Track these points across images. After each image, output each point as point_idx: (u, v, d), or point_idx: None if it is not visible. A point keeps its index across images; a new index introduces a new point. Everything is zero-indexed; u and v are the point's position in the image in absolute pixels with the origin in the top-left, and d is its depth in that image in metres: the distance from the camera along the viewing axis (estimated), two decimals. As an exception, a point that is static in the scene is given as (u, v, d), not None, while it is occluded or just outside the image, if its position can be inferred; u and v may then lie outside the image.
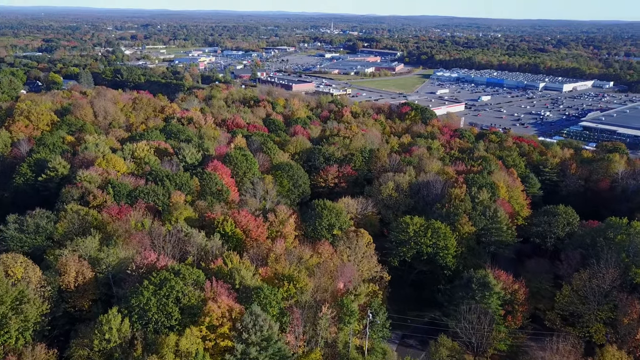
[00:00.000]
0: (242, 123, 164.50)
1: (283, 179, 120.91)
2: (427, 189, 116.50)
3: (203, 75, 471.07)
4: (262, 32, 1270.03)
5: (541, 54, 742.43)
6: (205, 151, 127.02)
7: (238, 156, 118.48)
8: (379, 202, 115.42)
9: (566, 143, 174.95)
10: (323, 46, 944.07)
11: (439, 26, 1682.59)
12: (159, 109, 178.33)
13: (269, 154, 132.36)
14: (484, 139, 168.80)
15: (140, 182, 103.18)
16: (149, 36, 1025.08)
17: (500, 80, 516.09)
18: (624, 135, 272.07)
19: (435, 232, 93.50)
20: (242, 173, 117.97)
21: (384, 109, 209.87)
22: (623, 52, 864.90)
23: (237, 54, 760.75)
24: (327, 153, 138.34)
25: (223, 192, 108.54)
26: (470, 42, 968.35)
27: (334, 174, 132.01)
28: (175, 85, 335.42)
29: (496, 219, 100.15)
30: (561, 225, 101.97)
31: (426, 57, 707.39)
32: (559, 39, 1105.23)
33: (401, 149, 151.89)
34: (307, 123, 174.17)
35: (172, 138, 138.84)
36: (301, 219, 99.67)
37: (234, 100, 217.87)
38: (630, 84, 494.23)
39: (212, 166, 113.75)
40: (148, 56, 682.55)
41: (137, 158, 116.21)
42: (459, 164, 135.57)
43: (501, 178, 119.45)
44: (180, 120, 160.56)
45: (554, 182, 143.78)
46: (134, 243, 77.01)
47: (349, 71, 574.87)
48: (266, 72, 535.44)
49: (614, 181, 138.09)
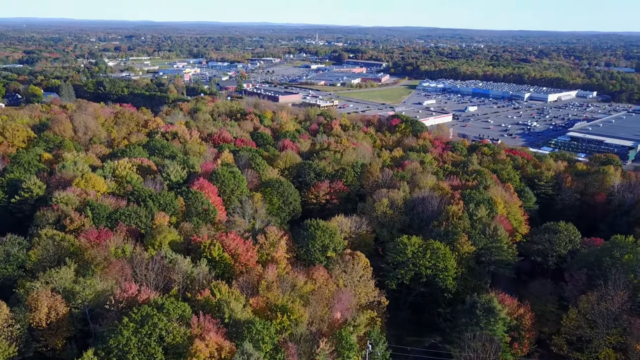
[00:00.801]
0: (229, 137, 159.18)
1: (273, 196, 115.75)
2: (423, 206, 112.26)
3: (188, 87, 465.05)
4: (247, 43, 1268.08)
5: (525, 65, 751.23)
6: (191, 168, 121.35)
7: (225, 173, 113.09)
8: (373, 220, 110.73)
9: (559, 155, 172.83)
10: (309, 57, 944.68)
11: (422, 37, 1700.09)
12: (142, 123, 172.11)
13: (258, 170, 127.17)
14: (476, 152, 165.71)
15: (121, 203, 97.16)
16: (133, 47, 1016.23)
17: (486, 90, 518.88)
18: (612, 145, 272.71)
19: (435, 252, 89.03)
20: (229, 191, 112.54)
21: (374, 122, 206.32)
22: (603, 62, 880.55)
23: (222, 65, 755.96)
24: (318, 168, 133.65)
25: (210, 212, 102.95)
26: (454, 53, 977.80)
27: (325, 190, 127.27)
28: (159, 98, 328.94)
29: (496, 238, 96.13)
30: (563, 243, 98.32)
31: (411, 67, 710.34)
32: (540, 49, 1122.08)
33: (393, 163, 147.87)
34: (296, 137, 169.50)
35: (156, 154, 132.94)
36: (293, 240, 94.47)
37: (220, 113, 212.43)
38: (613, 93, 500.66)
39: (198, 184, 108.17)
40: (132, 68, 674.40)
41: (118, 177, 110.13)
42: (454, 179, 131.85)
43: (498, 193, 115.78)
44: (164, 135, 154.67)
45: (549, 195, 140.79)
46: (113, 273, 71.02)
47: (335, 82, 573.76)
48: (252, 84, 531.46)
49: (610, 194, 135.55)
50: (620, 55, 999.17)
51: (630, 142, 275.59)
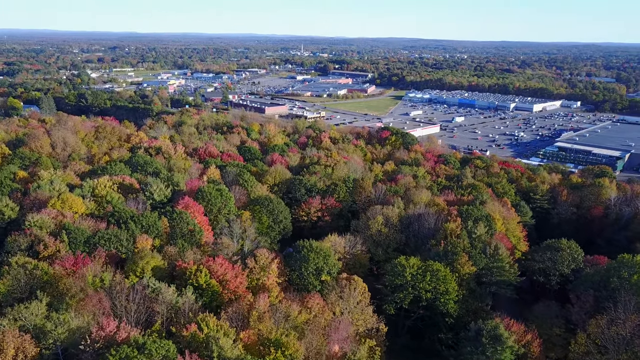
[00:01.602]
0: (215, 152, 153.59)
1: (262, 215, 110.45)
2: (419, 223, 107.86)
3: (173, 99, 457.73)
4: (233, 54, 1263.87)
5: (509, 75, 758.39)
6: (175, 186, 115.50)
7: (212, 191, 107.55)
8: (367, 239, 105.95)
9: (552, 167, 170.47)
10: (294, 68, 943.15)
11: (406, 47, 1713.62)
12: (124, 137, 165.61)
13: (246, 186, 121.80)
14: (469, 165, 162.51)
15: (100, 226, 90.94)
16: (117, 59, 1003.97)
17: (472, 101, 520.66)
18: (600, 155, 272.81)
19: (435, 275, 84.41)
20: (216, 210, 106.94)
21: (363, 134, 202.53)
22: (584, 73, 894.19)
23: (207, 76, 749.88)
24: (309, 184, 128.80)
25: (196, 233, 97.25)
26: (439, 64, 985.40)
27: (316, 207, 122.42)
28: (143, 110, 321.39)
29: (497, 257, 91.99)
30: (566, 262, 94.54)
31: (397, 78, 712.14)
32: (522, 59, 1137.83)
33: (385, 177, 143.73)
34: (285, 150, 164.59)
35: (139, 171, 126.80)
36: (284, 263, 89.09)
37: (205, 126, 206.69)
38: (597, 103, 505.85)
39: (183, 203, 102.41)
40: (115, 79, 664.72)
41: (98, 196, 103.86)
42: (448, 194, 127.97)
43: (496, 209, 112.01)
44: (147, 150, 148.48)
45: (545, 209, 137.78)
46: (90, 306, 64.96)
47: (322, 93, 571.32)
48: (238, 95, 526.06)
49: (607, 208, 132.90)
50: (600, 66, 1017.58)
51: (617, 152, 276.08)
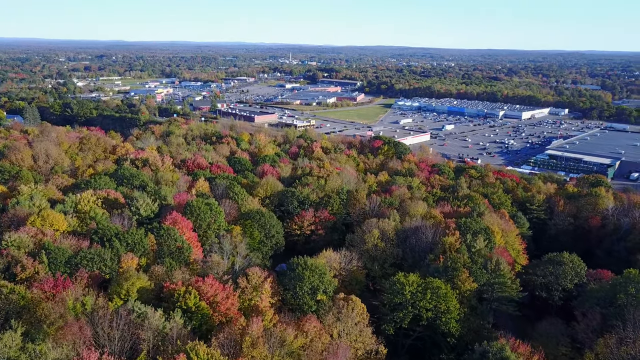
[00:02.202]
0: (204, 163, 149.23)
1: (253, 229, 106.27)
2: (416, 237, 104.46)
3: (160, 108, 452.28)
4: (221, 62, 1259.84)
5: (496, 82, 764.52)
6: (163, 200, 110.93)
7: (201, 206, 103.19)
8: (363, 254, 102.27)
9: (547, 176, 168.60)
10: (283, 76, 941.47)
11: (394, 56, 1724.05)
12: (109, 149, 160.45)
13: (236, 200, 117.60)
14: (463, 175, 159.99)
15: (83, 244, 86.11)
16: (104, 67, 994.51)
17: (461, 108, 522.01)
18: (590, 163, 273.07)
19: (435, 293, 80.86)
20: (205, 225, 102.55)
21: (355, 144, 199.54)
22: (570, 80, 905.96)
23: (195, 85, 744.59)
24: (302, 196, 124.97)
25: (184, 250, 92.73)
26: (427, 71, 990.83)
27: (309, 220, 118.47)
28: (130, 120, 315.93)
29: (499, 273, 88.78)
30: (569, 277, 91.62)
31: (386, 86, 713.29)
32: (509, 67, 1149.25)
33: (380, 188, 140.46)
34: (276, 161, 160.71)
35: (124, 184, 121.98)
36: (278, 282, 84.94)
37: (194, 136, 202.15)
38: (584, 110, 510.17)
39: (171, 219, 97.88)
40: (102, 88, 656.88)
41: (81, 212, 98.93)
42: (444, 205, 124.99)
43: (494, 221, 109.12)
44: (134, 162, 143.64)
45: (542, 220, 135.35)
46: (69, 335, 60.23)
47: (311, 101, 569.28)
48: (226, 104, 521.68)
49: (604, 218, 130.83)
50: (585, 73, 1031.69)
51: (608, 159, 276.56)
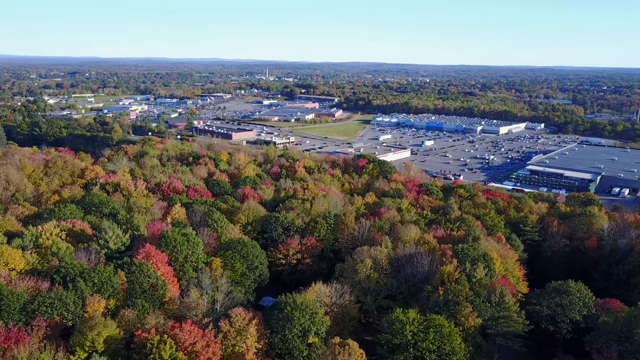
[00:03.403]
0: (180, 187, 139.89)
1: (235, 261, 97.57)
2: (411, 266, 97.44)
3: (134, 126, 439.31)
4: (197, 79, 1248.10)
5: (472, 98, 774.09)
6: (135, 230, 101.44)
7: (177, 237, 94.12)
8: (355, 285, 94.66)
9: (537, 195, 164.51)
10: (260, 93, 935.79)
11: (369, 72, 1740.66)
12: (78, 172, 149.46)
13: (216, 228, 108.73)
14: (452, 194, 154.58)
15: (43, 286, 76.12)
16: (77, 84, 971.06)
17: (439, 124, 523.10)
18: (572, 178, 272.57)
19: (438, 331, 73.55)
20: (182, 259, 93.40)
21: (339, 162, 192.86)
22: (542, 95, 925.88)
23: (171, 101, 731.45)
24: (286, 222, 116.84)
25: (158, 287, 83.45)
26: (403, 87, 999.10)
27: (295, 248, 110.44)
28: (102, 139, 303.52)
29: (504, 305, 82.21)
30: (577, 308, 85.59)
31: (364, 102, 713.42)
32: (483, 82, 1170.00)
33: (368, 210, 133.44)
34: (257, 183, 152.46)
35: (93, 213, 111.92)
36: (265, 324, 76.38)
37: (169, 157, 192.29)
38: (559, 125, 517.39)
39: (144, 252, 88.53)
40: (74, 105, 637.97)
41: (41, 247, 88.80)
42: (437, 228, 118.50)
43: (492, 246, 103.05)
44: (104, 187, 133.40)
45: (536, 242, 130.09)
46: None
47: (289, 118, 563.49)
48: (203, 121, 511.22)
49: (600, 239, 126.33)
50: (556, 88, 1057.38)
51: (589, 174, 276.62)
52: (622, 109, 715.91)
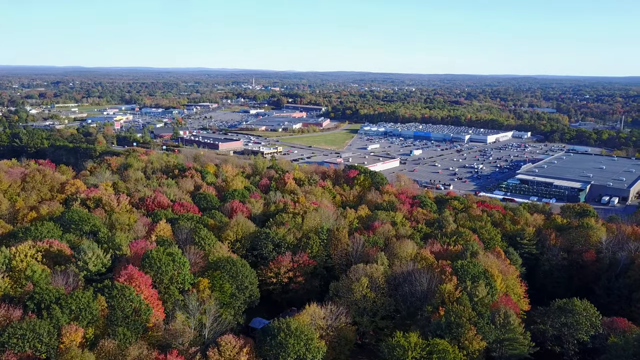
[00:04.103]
0: (166, 201, 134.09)
1: (223, 282, 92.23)
2: (409, 284, 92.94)
3: (119, 136, 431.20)
4: (183, 88, 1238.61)
5: (458, 107, 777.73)
6: (117, 250, 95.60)
7: (161, 257, 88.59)
8: (351, 305, 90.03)
9: (532, 206, 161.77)
10: (247, 102, 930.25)
11: (356, 81, 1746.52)
12: (57, 187, 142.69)
13: (203, 245, 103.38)
14: (446, 206, 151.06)
15: (14, 314, 70.05)
16: (60, 94, 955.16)
17: (427, 133, 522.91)
18: (562, 187, 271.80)
19: (442, 357, 69.23)
20: (167, 280, 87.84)
21: (330, 173, 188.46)
22: (527, 104, 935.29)
23: (156, 111, 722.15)
24: (277, 238, 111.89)
25: (141, 312, 77.88)
26: (389, 96, 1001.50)
27: (287, 266, 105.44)
28: (84, 150, 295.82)
29: (509, 327, 78.17)
30: (584, 328, 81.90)
31: (351, 111, 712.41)
32: (468, 92, 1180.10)
33: (361, 224, 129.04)
34: (246, 196, 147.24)
35: (72, 231, 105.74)
36: (257, 351, 71.23)
37: (154, 169, 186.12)
38: (546, 133, 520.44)
39: (126, 274, 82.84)
40: (57, 116, 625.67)
41: (15, 270, 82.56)
42: (433, 243, 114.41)
43: (491, 262, 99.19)
44: (85, 202, 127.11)
45: (534, 255, 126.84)
46: None
47: (277, 127, 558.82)
48: (189, 131, 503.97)
49: (599, 251, 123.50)
50: (540, 97, 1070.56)
51: (578, 183, 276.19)
52: (605, 117, 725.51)
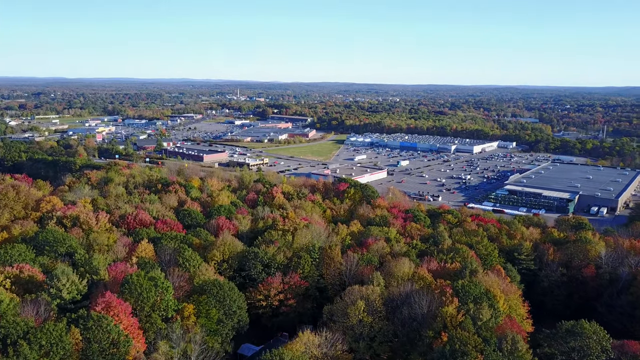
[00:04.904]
0: (148, 219, 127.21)
1: (210, 307, 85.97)
2: (408, 307, 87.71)
3: (101, 148, 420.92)
4: (167, 99, 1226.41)
5: (444, 117, 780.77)
6: (94, 274, 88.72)
7: (143, 281, 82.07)
8: (347, 330, 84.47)
9: (526, 219, 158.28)
10: (232, 113, 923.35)
11: (340, 92, 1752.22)
12: (32, 204, 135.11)
13: (188, 267, 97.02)
14: (440, 220, 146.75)
15: (-24, 352, 63.10)
16: (41, 105, 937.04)
17: (413, 144, 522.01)
18: (550, 198, 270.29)
19: (449, 390, 63.90)
20: (149, 307, 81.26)
21: (319, 186, 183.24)
22: (510, 113, 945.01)
23: (140, 122, 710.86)
24: (266, 258, 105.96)
25: (120, 345, 71.31)
26: (374, 107, 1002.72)
27: (277, 288, 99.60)
28: (64, 164, 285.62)
29: (517, 354, 73.24)
30: (595, 352, 77.33)
31: (337, 122, 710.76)
32: (451, 102, 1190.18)
33: (354, 241, 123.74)
34: (233, 211, 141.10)
35: (46, 253, 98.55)
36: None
37: (136, 184, 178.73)
38: (530, 143, 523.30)
39: (103, 302, 76.21)
40: (37, 127, 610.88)
41: (-21, 300, 75.31)
42: (430, 261, 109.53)
43: (492, 281, 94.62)
44: (61, 220, 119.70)
45: (532, 271, 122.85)
46: None
47: (262, 138, 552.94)
48: (173, 142, 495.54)
49: (598, 267, 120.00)
50: (522, 107, 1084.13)
51: (567, 194, 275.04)
52: (587, 126, 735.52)
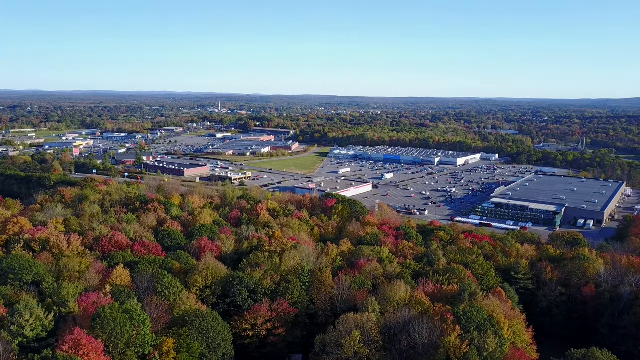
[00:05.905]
0: (124, 241, 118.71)
1: (192, 340, 78.40)
2: (407, 336, 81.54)
3: (77, 163, 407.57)
4: (147, 112, 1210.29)
5: (425, 129, 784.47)
6: (62, 306, 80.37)
7: (116, 315, 74.18)
8: (341, 363, 77.77)
9: (519, 235, 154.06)
10: (213, 126, 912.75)
11: (322, 104, 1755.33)
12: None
13: (167, 295, 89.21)
14: (432, 238, 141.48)
15: None
16: (17, 118, 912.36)
17: (396, 156, 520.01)
18: (537, 211, 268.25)
19: None
20: (123, 344, 73.29)
21: (305, 202, 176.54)
22: (490, 125, 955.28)
23: (119, 136, 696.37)
24: (252, 283, 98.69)
25: (91, 389, 63.28)
26: (357, 119, 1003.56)
27: (265, 316, 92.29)
28: (38, 180, 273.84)
29: (528, 389, 67.51)
30: (609, 384, 72.18)
31: (319, 135, 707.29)
32: (432, 114, 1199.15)
33: (345, 261, 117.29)
34: (215, 231, 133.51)
35: (10, 282, 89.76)
36: None
37: (113, 202, 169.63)
38: (513, 155, 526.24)
39: (72, 340, 68.12)
40: (11, 141, 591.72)
41: None
42: (426, 283, 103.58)
43: (495, 305, 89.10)
44: (29, 244, 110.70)
45: (530, 291, 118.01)
46: None
47: (245, 151, 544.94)
48: (153, 156, 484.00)
49: (598, 285, 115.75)
50: (502, 119, 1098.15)
51: (553, 206, 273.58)
52: (566, 138, 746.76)
